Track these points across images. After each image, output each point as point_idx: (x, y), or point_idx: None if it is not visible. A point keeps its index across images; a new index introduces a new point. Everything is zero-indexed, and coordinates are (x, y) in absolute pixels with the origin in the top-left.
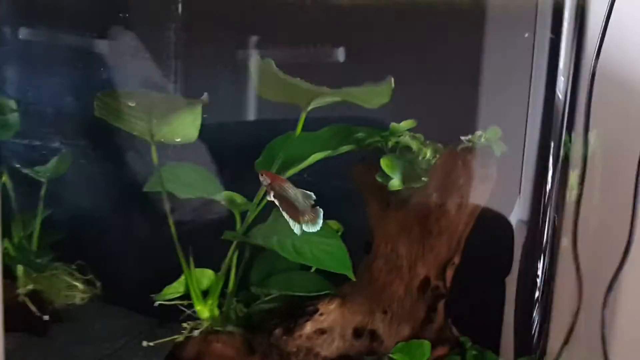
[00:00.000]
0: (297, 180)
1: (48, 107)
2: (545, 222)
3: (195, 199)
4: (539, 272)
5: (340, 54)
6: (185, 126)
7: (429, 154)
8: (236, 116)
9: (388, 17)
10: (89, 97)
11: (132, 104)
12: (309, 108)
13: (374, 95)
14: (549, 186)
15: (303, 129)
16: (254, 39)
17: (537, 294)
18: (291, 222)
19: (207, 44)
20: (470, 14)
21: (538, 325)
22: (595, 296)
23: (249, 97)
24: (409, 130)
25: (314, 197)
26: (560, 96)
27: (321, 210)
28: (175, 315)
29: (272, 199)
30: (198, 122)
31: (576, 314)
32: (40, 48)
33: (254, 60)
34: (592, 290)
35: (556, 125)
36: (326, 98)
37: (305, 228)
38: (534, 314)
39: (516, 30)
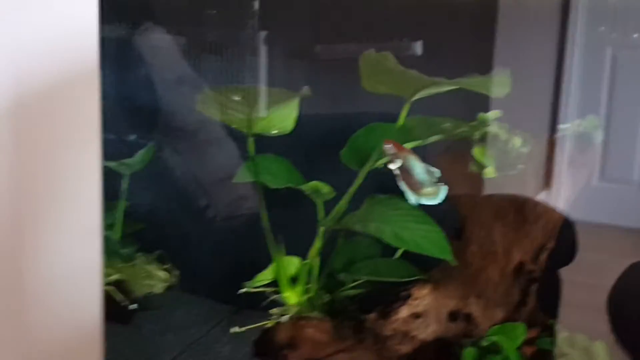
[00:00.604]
0: (376, 172)
1: (129, 102)
2: None
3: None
4: None
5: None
6: (282, 119)
7: (518, 142)
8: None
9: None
10: (167, 92)
11: (236, 98)
12: (414, 98)
13: (495, 85)
14: None
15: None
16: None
17: None
18: (409, 194)
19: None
20: None
21: None
22: None
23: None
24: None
25: (438, 173)
26: None
27: (445, 187)
28: (252, 302)
29: (393, 168)
30: (295, 114)
31: None
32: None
33: (366, 54)
34: None
35: None
36: (441, 88)
37: (424, 200)
38: None
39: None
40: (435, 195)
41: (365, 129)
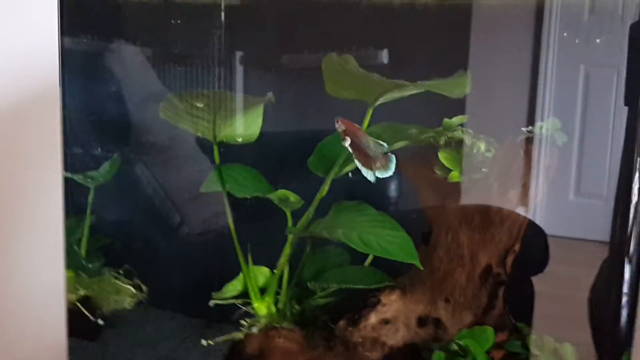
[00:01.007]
0: (341, 180)
1: (93, 115)
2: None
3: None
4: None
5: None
6: (247, 126)
7: (483, 147)
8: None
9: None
10: (132, 103)
11: (199, 105)
12: (377, 103)
13: (454, 86)
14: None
15: None
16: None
17: (624, 299)
18: (364, 170)
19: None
20: None
21: (625, 330)
22: None
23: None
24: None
25: (386, 146)
26: None
27: (394, 156)
28: (223, 316)
29: (346, 145)
30: (259, 121)
31: None
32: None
33: (328, 58)
34: None
35: None
36: (405, 91)
37: (378, 174)
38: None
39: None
40: (387, 168)
41: (333, 136)
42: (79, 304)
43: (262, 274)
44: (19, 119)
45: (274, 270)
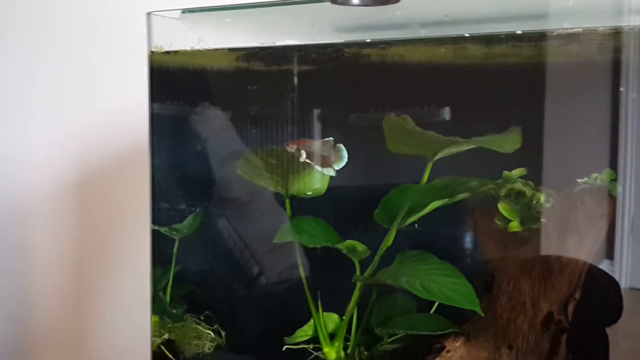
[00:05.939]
0: (408, 230)
1: (178, 173)
2: None
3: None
4: None
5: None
6: (315, 180)
7: (542, 198)
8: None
9: None
10: (214, 162)
11: (272, 161)
12: (436, 158)
13: (506, 142)
14: None
15: None
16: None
17: None
18: (325, 170)
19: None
20: None
21: None
22: None
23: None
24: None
25: (332, 139)
26: None
27: (341, 145)
28: None
29: (304, 159)
30: (328, 176)
31: None
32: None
33: (388, 118)
34: None
35: None
36: (459, 147)
37: (336, 167)
38: None
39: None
40: (341, 159)
41: (397, 190)
42: (163, 347)
43: (331, 320)
44: (114, 178)
45: (343, 317)
